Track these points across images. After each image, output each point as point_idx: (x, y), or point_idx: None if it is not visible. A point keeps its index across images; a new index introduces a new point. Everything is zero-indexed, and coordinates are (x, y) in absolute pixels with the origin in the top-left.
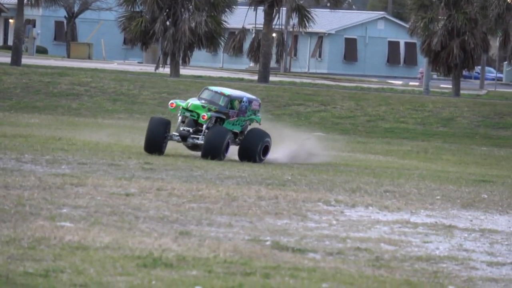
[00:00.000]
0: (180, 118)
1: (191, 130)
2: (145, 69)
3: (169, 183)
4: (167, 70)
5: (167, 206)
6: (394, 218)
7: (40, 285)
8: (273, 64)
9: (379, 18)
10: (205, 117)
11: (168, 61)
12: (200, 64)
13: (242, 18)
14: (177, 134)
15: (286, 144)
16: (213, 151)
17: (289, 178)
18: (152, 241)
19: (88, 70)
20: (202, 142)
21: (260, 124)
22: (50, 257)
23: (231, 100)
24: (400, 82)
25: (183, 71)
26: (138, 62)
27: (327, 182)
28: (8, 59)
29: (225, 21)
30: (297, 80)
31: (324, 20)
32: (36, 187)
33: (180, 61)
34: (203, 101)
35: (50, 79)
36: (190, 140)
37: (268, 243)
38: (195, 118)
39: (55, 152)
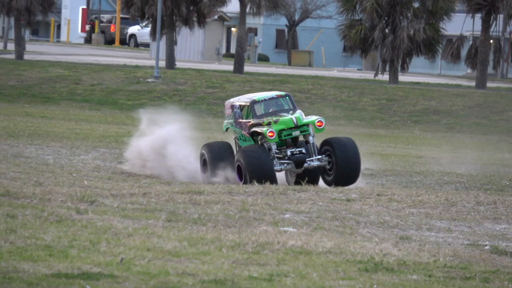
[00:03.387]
0: (274, 145)
1: (303, 150)
2: (364, 76)
3: (389, 188)
4: (386, 77)
5: (387, 211)
6: None
7: None
8: (490, 70)
9: None
10: (323, 123)
11: (387, 68)
12: (418, 71)
13: (460, 25)
14: (285, 162)
15: None
16: (350, 172)
17: (507, 183)
18: (373, 245)
19: (309, 78)
20: (321, 163)
21: None
22: (274, 261)
23: (291, 99)
24: None
25: (402, 77)
26: (358, 69)
27: None
28: (231, 67)
29: (443, 28)
30: None
31: None
32: (259, 192)
33: (399, 68)
34: (283, 113)
35: (271, 87)
36: (305, 165)
37: (487, 247)
38: (308, 133)
39: None
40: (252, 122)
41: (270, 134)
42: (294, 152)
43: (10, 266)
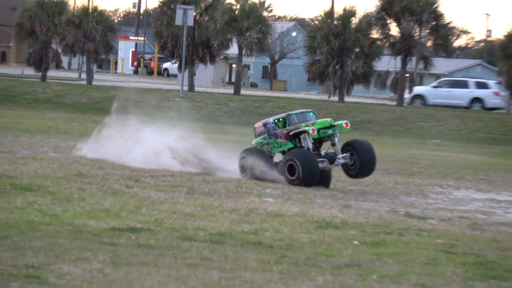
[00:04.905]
0: (310, 141)
1: (332, 150)
2: (321, 98)
3: (336, 173)
4: (336, 98)
5: (335, 188)
6: (485, 197)
7: (252, 239)
8: (406, 94)
9: (477, 64)
10: (348, 124)
11: (337, 92)
12: (357, 94)
13: (386, 63)
14: (321, 159)
15: None
16: (370, 166)
17: (417, 170)
18: (325, 211)
19: (284, 98)
20: (346, 160)
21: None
22: (258, 221)
23: (315, 114)
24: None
25: (347, 99)
26: (317, 93)
27: (441, 173)
28: (231, 91)
29: (375, 65)
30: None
31: (441, 65)
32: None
33: (345, 92)
34: (313, 121)
35: (259, 104)
36: (336, 162)
37: (402, 213)
38: (336, 132)
39: None
40: (289, 129)
41: (312, 131)
42: (327, 152)
43: (81, 223)
